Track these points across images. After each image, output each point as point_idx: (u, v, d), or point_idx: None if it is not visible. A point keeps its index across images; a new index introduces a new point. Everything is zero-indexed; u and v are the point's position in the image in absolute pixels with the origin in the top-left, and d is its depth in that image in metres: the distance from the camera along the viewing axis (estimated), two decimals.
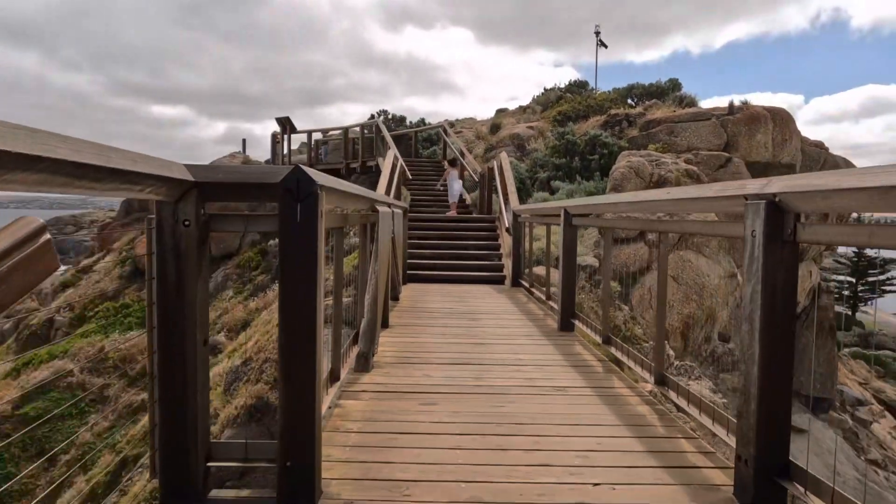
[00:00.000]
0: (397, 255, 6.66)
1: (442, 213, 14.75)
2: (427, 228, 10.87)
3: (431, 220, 11.22)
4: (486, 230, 11.02)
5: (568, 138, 17.48)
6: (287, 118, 20.58)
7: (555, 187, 15.76)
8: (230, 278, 17.65)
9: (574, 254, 5.82)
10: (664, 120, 17.43)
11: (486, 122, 24.04)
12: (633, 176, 11.91)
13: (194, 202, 2.20)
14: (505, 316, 6.66)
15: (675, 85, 22.48)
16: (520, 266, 9.17)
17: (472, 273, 9.61)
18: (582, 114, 21.29)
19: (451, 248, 10.33)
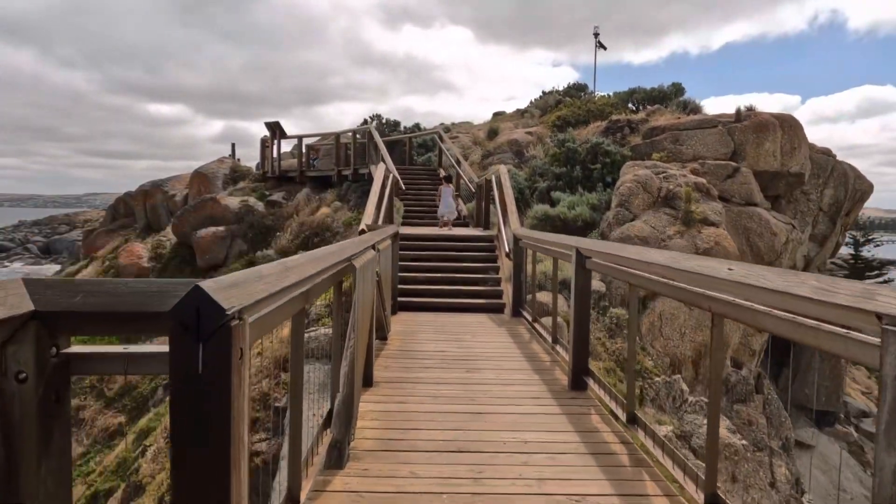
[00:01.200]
0: (384, 292, 5.85)
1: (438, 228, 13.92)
2: (420, 248, 10.05)
3: (425, 239, 10.40)
4: (483, 250, 10.21)
5: (568, 146, 16.67)
6: (276, 123, 19.72)
7: (555, 198, 14.96)
8: None
9: (587, 301, 5.01)
10: (668, 127, 16.64)
11: (482, 127, 23.22)
12: (641, 191, 11.12)
13: (33, 342, 1.38)
14: (506, 363, 5.84)
15: (679, 90, 21.69)
16: (521, 294, 8.36)
17: (469, 300, 8.80)
18: (582, 119, 20.50)
19: (447, 270, 9.51)
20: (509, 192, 9.60)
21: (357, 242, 3.96)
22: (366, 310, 4.04)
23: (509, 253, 8.35)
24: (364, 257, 3.84)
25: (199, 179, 20.95)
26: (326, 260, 2.69)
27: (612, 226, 10.86)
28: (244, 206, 18.63)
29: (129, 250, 19.05)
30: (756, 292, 2.24)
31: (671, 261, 3.00)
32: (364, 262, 3.72)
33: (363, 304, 3.85)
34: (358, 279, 3.54)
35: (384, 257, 5.86)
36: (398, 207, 14.03)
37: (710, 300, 2.71)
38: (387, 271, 6.21)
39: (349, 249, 3.46)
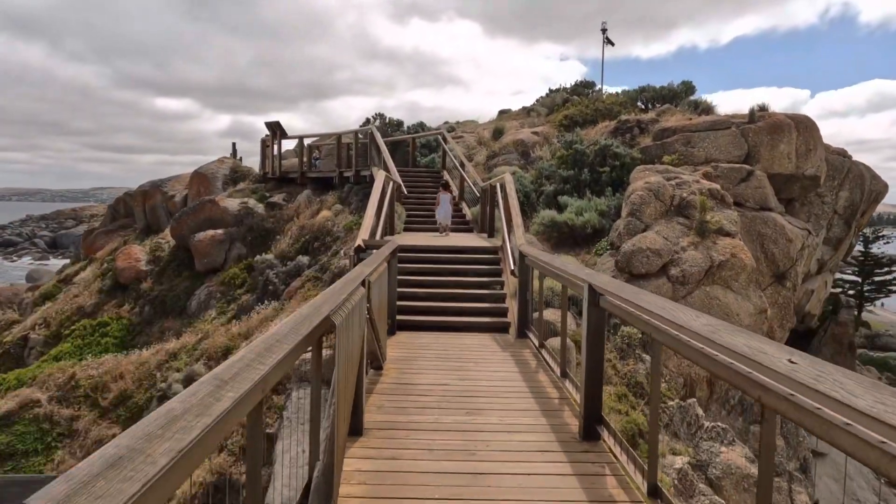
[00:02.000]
0: (376, 322, 5.34)
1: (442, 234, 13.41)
2: (422, 261, 9.53)
3: (427, 251, 9.88)
4: (488, 263, 9.68)
5: (576, 147, 16.10)
6: (277, 123, 19.20)
7: (563, 203, 14.41)
8: (214, 296, 16.35)
9: (601, 341, 4.49)
10: (680, 129, 16.04)
11: (488, 126, 22.64)
12: (653, 199, 10.56)
13: None
14: (511, 401, 5.33)
15: (689, 88, 21.05)
16: (527, 313, 7.84)
17: (472, 319, 8.28)
18: (590, 118, 19.91)
19: (449, 285, 9.00)
20: (515, 203, 9.06)
21: (339, 289, 3.45)
22: (351, 363, 3.54)
23: (514, 271, 7.83)
24: (347, 306, 3.32)
25: (199, 180, 20.49)
26: (284, 344, 2.18)
27: (622, 236, 10.31)
28: (244, 208, 18.16)
29: (127, 253, 18.63)
30: (831, 403, 1.72)
31: (709, 331, 2.47)
32: (347, 313, 3.21)
33: (347, 359, 3.34)
34: (339, 336, 3.04)
35: (378, 285, 5.36)
36: (400, 213, 13.52)
37: (761, 389, 2.19)
38: (381, 297, 5.71)
39: (328, 305, 2.95)
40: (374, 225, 8.47)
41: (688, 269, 9.38)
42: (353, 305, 3.56)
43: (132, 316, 17.22)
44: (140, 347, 15.64)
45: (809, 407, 1.93)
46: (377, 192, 9.17)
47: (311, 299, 5.32)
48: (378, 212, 8.87)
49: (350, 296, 3.50)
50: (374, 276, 4.98)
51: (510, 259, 8.13)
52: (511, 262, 8.03)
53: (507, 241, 8.95)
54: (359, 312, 3.94)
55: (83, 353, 16.16)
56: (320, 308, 2.85)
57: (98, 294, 18.34)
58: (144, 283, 17.78)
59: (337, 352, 3.09)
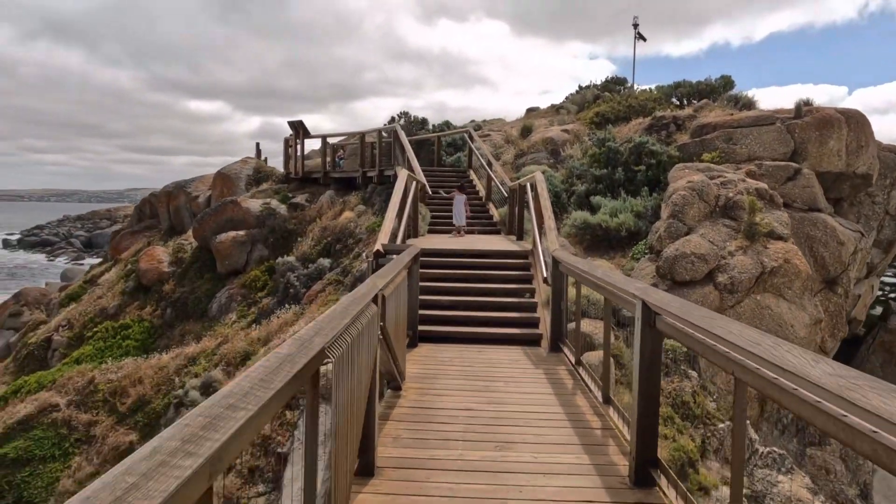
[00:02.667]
0: (392, 342, 4.68)
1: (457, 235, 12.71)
2: (446, 266, 8.85)
3: (451, 255, 9.20)
4: (517, 268, 8.96)
5: (609, 145, 15.26)
6: (300, 122, 18.73)
7: (595, 204, 13.60)
8: (235, 299, 15.90)
9: (657, 371, 3.75)
10: (720, 124, 15.08)
11: (515, 124, 21.88)
12: (696, 199, 9.71)
13: None
14: (546, 432, 4.61)
15: (728, 83, 19.99)
16: (561, 324, 7.11)
17: (500, 330, 7.57)
18: (622, 115, 19.02)
19: (475, 292, 8.30)
20: (547, 203, 8.33)
21: (342, 312, 2.77)
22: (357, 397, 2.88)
23: (547, 278, 7.10)
24: (350, 334, 2.65)
25: (222, 180, 20.14)
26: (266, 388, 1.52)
27: (663, 239, 9.49)
28: (266, 209, 17.70)
29: (150, 254, 18.33)
30: None
31: (841, 386, 1.74)
32: (347, 345, 2.54)
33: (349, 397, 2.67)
34: (337, 375, 2.37)
35: (395, 298, 4.70)
36: (424, 215, 12.87)
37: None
38: (399, 311, 5.04)
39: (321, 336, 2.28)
40: (396, 228, 7.83)
41: (736, 275, 8.54)
42: (359, 331, 2.89)
43: (154, 318, 16.90)
44: (160, 351, 15.28)
45: None
46: (399, 192, 8.52)
47: (330, 304, 4.65)
48: (399, 213, 8.23)
49: (355, 320, 2.83)
50: (390, 289, 4.32)
51: (542, 265, 7.40)
52: (543, 269, 7.29)
53: (538, 244, 8.22)
54: (368, 336, 3.27)
55: (104, 356, 15.87)
56: (310, 342, 2.18)
57: (121, 295, 18.08)
58: (166, 285, 17.45)
59: (334, 394, 2.42)
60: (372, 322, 3.47)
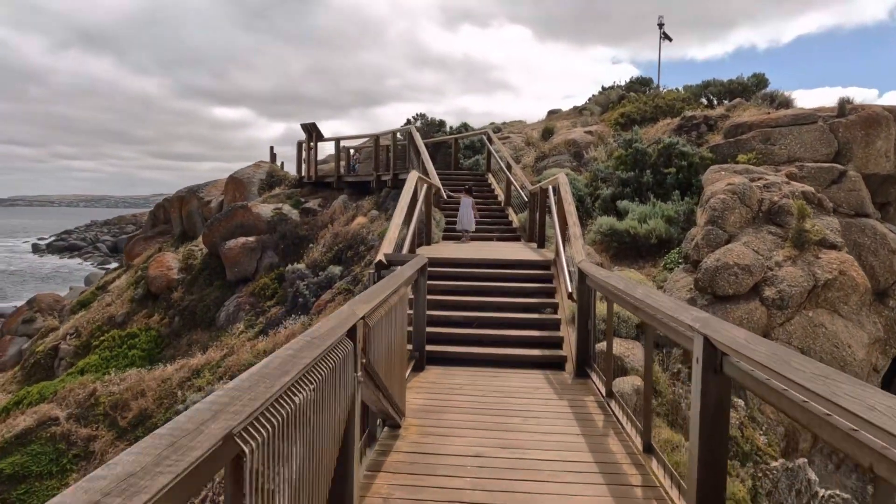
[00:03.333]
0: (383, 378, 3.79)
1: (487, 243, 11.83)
2: (458, 277, 7.96)
3: (464, 264, 8.30)
4: (538, 280, 8.02)
5: (636, 146, 14.25)
6: (313, 124, 18.01)
7: (622, 209, 12.60)
8: (243, 308, 15.19)
9: (723, 427, 2.81)
10: (757, 124, 13.98)
11: (536, 126, 20.94)
12: (738, 204, 8.69)
13: None
14: (575, 492, 3.69)
15: (761, 81, 18.82)
16: (588, 346, 6.16)
17: (518, 351, 6.65)
18: (649, 116, 17.97)
19: (490, 307, 7.39)
20: (571, 208, 7.39)
21: (280, 364, 1.89)
22: (317, 477, 1.99)
23: (572, 293, 6.17)
24: (301, 389, 1.77)
25: (235, 185, 19.51)
26: None
27: (700, 248, 8.48)
28: (277, 214, 17.00)
29: (160, 260, 17.73)
30: None
31: None
32: (282, 418, 1.66)
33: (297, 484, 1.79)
34: (257, 470, 1.50)
35: (388, 323, 3.82)
36: (438, 220, 12.00)
37: None
38: (395, 337, 4.16)
39: (227, 417, 1.42)
40: (402, 235, 6.97)
41: (786, 289, 7.51)
42: (322, 378, 2.02)
43: (161, 327, 16.26)
44: (166, 361, 14.62)
45: None
46: (407, 195, 7.67)
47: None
48: (407, 219, 7.37)
49: (305, 371, 1.95)
50: (380, 314, 3.44)
51: (566, 277, 6.46)
52: (567, 283, 6.36)
53: (561, 253, 7.28)
54: (338, 383, 2.39)
55: (109, 366, 15.26)
56: (210, 419, 1.31)
57: (130, 303, 17.50)
58: (175, 293, 16.82)
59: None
60: (345, 363, 2.60)
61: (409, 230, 7.36)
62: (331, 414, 2.37)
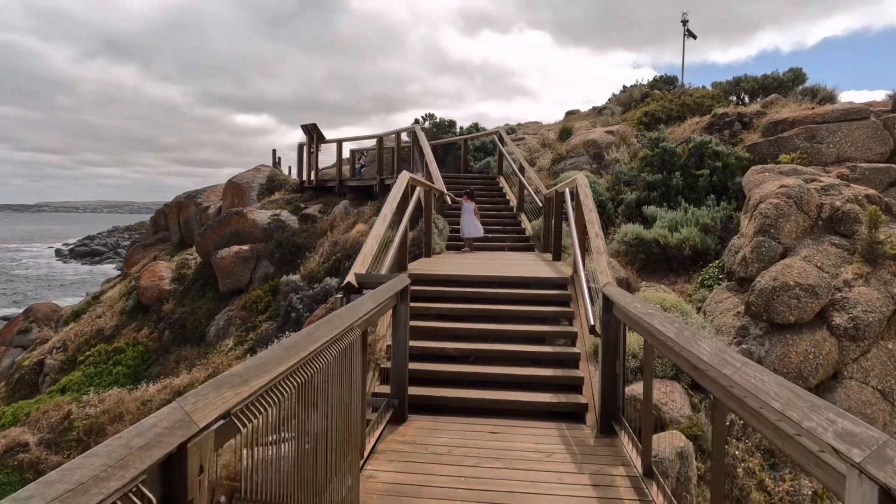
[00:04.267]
0: (326, 452, 2.39)
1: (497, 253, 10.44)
2: (455, 298, 6.55)
3: (463, 283, 6.89)
4: (551, 301, 6.57)
5: (664, 146, 12.72)
6: (314, 125, 16.74)
7: (649, 215, 11.10)
8: (233, 322, 13.91)
9: None
10: (800, 120, 12.38)
11: (553, 127, 19.47)
12: (794, 210, 7.15)
13: None
14: None
15: (798, 76, 17.15)
16: (616, 393, 4.70)
17: (525, 396, 5.21)
18: (675, 114, 16.40)
19: (492, 336, 5.96)
20: (593, 215, 5.94)
21: None
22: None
23: (594, 327, 4.72)
24: None
25: (233, 190, 18.31)
26: None
27: (750, 263, 6.96)
28: (275, 220, 15.73)
29: (152, 270, 16.57)
30: None
31: None
32: None
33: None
34: None
35: (324, 388, 2.42)
36: (441, 228, 10.60)
37: None
38: (343, 402, 2.76)
39: None
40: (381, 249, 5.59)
41: (860, 315, 5.98)
42: None
43: (150, 341, 15.06)
44: (151, 379, 13.40)
45: None
46: (393, 201, 6.29)
47: None
48: (392, 229, 6.00)
49: None
50: (269, 410, 2.04)
51: (586, 303, 5.00)
52: (588, 310, 4.90)
53: (580, 269, 5.82)
54: None
55: (92, 384, 14.09)
56: None
57: (120, 315, 16.35)
58: (166, 305, 15.63)
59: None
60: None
61: (395, 242, 5.97)
62: None
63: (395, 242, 5.95)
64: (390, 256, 5.64)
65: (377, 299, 4.01)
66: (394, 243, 5.81)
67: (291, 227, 15.55)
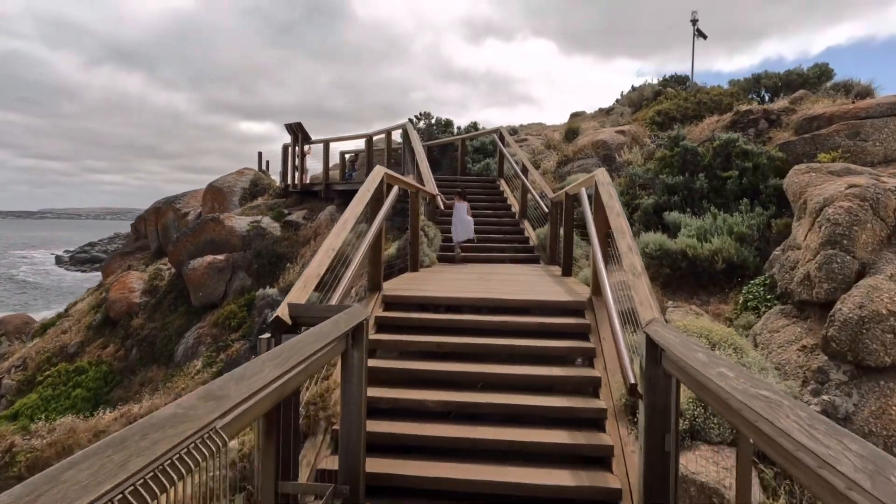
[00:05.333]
0: None
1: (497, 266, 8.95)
2: (438, 328, 5.03)
3: (450, 307, 5.38)
4: (563, 333, 5.02)
5: (685, 145, 11.21)
6: (299, 124, 15.26)
7: (671, 222, 9.57)
8: (203, 341, 12.39)
9: None
10: (839, 115, 10.85)
11: (558, 128, 17.99)
12: (870, 215, 5.62)
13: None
14: None
15: (825, 72, 15.65)
16: (666, 476, 3.15)
17: (528, 478, 3.65)
18: (690, 113, 14.91)
19: (486, 383, 4.41)
20: (621, 223, 4.41)
21: None
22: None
23: (636, 387, 3.18)
24: None
25: (214, 195, 16.83)
26: None
27: (816, 283, 5.43)
28: (254, 227, 14.24)
29: (122, 282, 15.07)
30: None
31: None
32: None
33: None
34: None
35: None
36: (432, 237, 9.08)
37: None
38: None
39: None
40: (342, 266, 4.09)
41: None
42: None
43: (115, 360, 13.54)
44: (112, 405, 11.89)
45: None
46: (359, 203, 4.80)
47: None
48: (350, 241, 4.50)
49: None
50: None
51: (619, 345, 3.45)
52: (625, 361, 3.35)
53: (606, 292, 4.27)
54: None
55: (48, 408, 12.58)
56: None
57: (86, 331, 14.84)
58: (135, 319, 14.12)
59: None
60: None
61: (359, 256, 4.46)
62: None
63: (359, 256, 4.43)
64: (348, 277, 4.12)
65: (322, 341, 2.50)
66: (355, 258, 4.30)
67: (273, 234, 14.06)
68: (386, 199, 5.55)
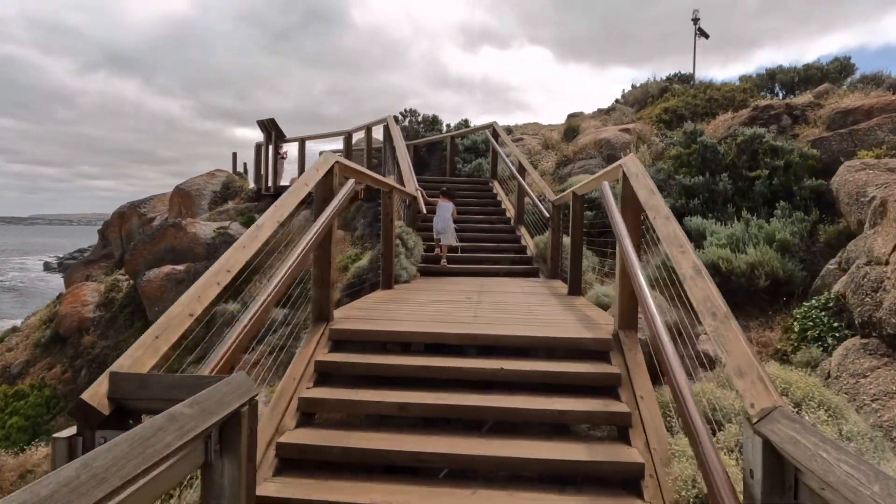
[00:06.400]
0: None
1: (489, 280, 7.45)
2: (409, 378, 3.52)
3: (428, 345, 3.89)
4: (580, 386, 3.53)
5: (703, 142, 9.77)
6: (271, 121, 13.74)
7: (692, 228, 8.09)
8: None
9: None
10: (879, 108, 9.45)
11: (556, 128, 16.55)
12: None
13: None
14: None
15: (846, 66, 14.28)
16: None
17: None
18: (701, 111, 13.50)
19: (476, 468, 2.90)
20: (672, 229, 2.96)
21: None
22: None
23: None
24: None
25: (181, 198, 15.28)
26: None
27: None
28: (221, 234, 12.69)
29: (75, 294, 13.48)
30: None
31: None
32: None
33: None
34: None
35: None
36: (412, 248, 7.55)
37: None
38: None
39: None
40: (198, 320, 2.72)
41: None
42: None
43: (60, 383, 11.92)
44: (49, 437, 10.26)
45: None
46: (289, 200, 3.32)
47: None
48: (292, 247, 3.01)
49: None
50: None
51: (709, 456, 1.94)
52: (719, 477, 1.84)
53: (661, 336, 2.74)
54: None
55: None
56: None
57: (33, 348, 13.22)
58: (86, 337, 12.53)
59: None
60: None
61: (280, 277, 2.96)
62: None
63: (280, 276, 2.93)
64: (242, 328, 2.61)
65: (124, 462, 0.97)
66: (266, 300, 2.79)
67: None
68: (338, 198, 4.04)
